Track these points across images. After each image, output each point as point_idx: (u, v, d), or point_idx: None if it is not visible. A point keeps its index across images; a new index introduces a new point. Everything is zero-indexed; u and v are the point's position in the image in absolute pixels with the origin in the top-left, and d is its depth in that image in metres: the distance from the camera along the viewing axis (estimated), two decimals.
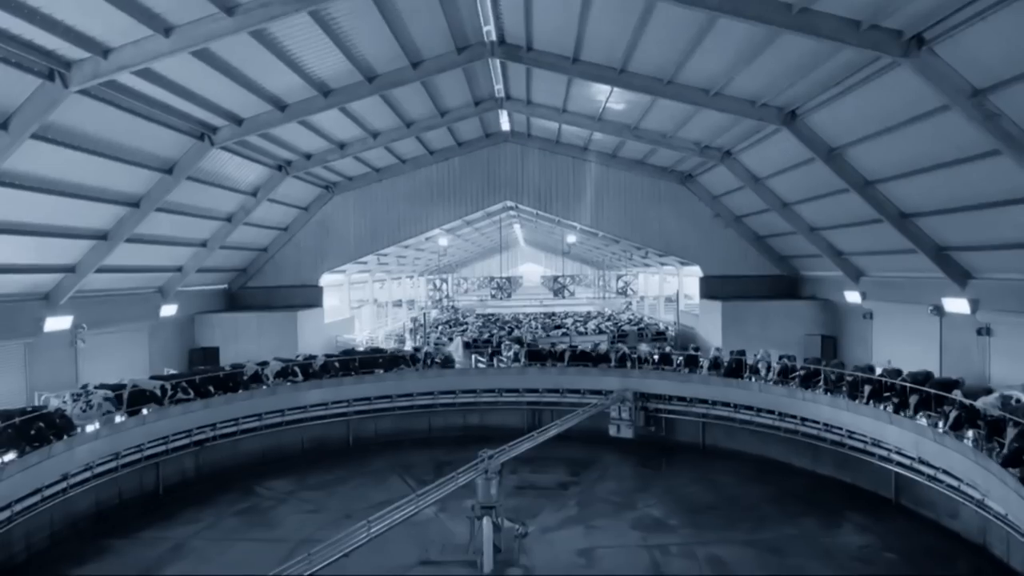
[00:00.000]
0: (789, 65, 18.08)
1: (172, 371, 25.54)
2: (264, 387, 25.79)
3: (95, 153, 18.79)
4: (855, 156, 20.90)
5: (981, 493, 15.78)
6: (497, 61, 23.67)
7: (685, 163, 32.75)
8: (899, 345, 25.95)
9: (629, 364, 28.10)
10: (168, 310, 29.37)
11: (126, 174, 20.84)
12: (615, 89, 23.31)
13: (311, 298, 36.19)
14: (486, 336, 37.77)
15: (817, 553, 16.86)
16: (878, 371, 22.25)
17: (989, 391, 17.92)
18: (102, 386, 21.59)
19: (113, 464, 19.85)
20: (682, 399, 26.38)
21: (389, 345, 41.97)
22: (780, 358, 25.66)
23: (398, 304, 62.45)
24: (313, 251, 36.18)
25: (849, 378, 21.88)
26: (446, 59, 22.22)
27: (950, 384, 19.29)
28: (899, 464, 18.96)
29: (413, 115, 27.77)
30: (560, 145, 35.15)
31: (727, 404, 25.22)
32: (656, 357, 28.24)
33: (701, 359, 27.60)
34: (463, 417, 28.86)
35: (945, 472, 17.22)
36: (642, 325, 44.17)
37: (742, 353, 26.78)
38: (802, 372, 23.78)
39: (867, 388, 20.94)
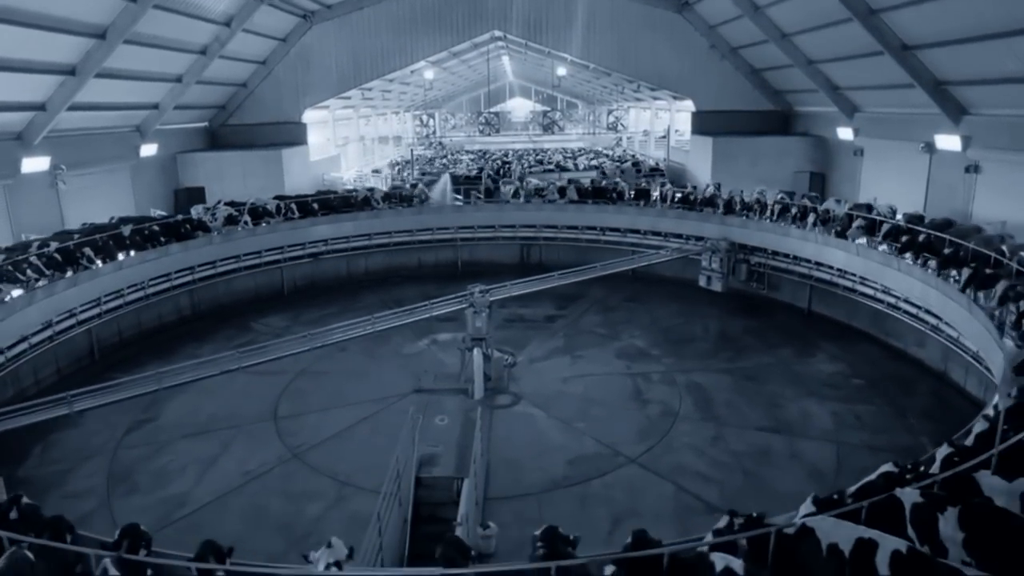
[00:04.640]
0: None
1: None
2: (371, 210, 27.85)
3: None
4: None
5: None
6: None
7: None
8: (887, 182, 25.99)
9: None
10: (148, 149, 28.69)
11: (88, 0, 19.53)
12: None
13: (295, 135, 35.36)
14: (475, 172, 37.47)
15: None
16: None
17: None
18: (230, 203, 25.57)
19: (234, 265, 24.55)
20: (785, 256, 23.23)
21: (375, 183, 41.47)
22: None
23: (384, 141, 61.08)
24: (294, 86, 34.87)
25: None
26: None
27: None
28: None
29: None
30: None
31: (831, 267, 21.50)
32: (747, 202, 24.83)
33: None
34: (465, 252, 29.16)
35: None
36: (634, 161, 43.71)
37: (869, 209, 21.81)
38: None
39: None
